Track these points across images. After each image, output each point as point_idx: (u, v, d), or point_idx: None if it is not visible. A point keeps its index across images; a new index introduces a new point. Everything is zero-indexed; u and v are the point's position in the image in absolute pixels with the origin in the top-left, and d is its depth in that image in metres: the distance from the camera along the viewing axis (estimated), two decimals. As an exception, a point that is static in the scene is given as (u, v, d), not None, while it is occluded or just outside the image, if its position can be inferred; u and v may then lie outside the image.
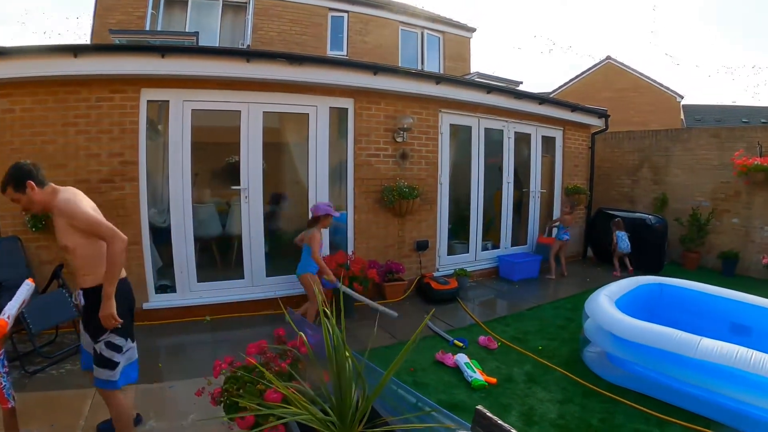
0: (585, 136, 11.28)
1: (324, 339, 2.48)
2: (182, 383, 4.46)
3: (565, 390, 4.69)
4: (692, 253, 10.54)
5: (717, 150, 10.51)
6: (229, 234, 7.79)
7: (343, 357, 2.47)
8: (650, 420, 4.14)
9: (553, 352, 5.62)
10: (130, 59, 5.81)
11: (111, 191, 5.91)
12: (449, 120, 8.46)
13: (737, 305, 5.62)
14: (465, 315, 6.88)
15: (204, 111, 6.53)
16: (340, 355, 2.47)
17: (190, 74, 6.04)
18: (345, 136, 7.36)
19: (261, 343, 3.14)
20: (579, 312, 6.85)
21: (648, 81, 22.45)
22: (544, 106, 9.61)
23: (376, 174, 7.52)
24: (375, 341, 5.61)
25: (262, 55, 6.54)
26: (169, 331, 5.96)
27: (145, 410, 4.01)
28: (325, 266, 5.75)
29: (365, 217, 7.49)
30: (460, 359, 5.02)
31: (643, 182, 11.99)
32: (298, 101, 6.86)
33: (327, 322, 2.53)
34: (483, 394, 4.52)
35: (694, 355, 4.06)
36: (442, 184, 8.45)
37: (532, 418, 4.13)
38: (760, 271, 9.50)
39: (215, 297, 6.54)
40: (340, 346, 2.48)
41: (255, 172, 6.66)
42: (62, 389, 4.37)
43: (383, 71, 7.15)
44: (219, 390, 2.94)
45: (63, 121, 5.73)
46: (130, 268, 5.90)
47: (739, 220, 10.16)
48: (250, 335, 5.79)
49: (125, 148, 5.94)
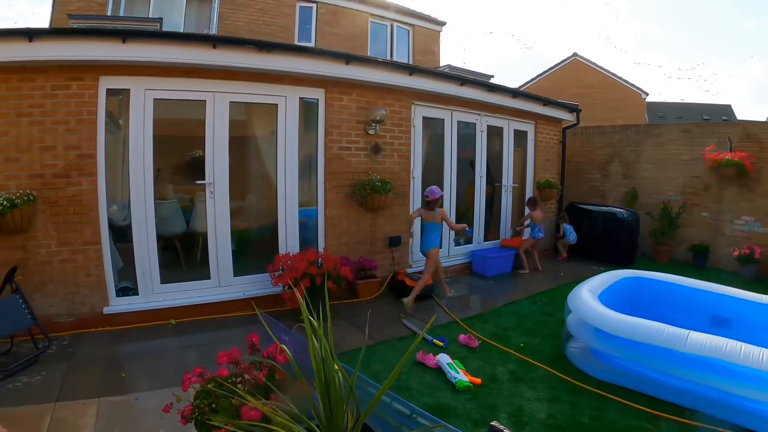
0: (556, 131, 11.25)
1: (309, 350, 2.15)
2: (148, 394, 4.12)
3: (552, 388, 4.55)
4: (663, 246, 10.62)
5: (687, 145, 10.60)
6: (193, 231, 7.44)
7: (333, 371, 2.17)
8: (641, 415, 4.06)
9: (535, 349, 5.47)
10: (89, 44, 5.38)
11: (67, 187, 5.49)
12: (422, 112, 8.25)
13: (717, 297, 5.61)
14: (441, 312, 6.66)
15: (167, 101, 6.15)
16: (329, 369, 2.16)
17: (153, 60, 5.67)
18: (315, 128, 7.07)
19: (233, 351, 2.80)
20: (556, 306, 6.81)
21: (614, 78, 22.66)
22: (517, 100, 9.51)
23: (348, 167, 7.26)
24: (351, 342, 5.40)
25: (230, 41, 6.19)
26: (132, 337, 5.57)
27: (109, 426, 3.67)
28: (458, 227, 7.40)
29: (336, 212, 7.22)
30: (442, 360, 4.80)
31: (614, 177, 12.03)
32: (266, 91, 6.55)
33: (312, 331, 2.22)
34: (469, 395, 4.31)
35: (684, 349, 4.01)
36: (414, 178, 8.24)
37: (522, 419, 3.96)
38: (730, 263, 9.59)
39: (180, 299, 6.18)
40: (329, 358, 2.17)
41: (221, 165, 6.32)
42: (18, 405, 3.96)
43: (356, 60, 6.89)
44: (190, 407, 2.60)
45: (16, 111, 5.26)
46: (88, 269, 5.63)
47: (709, 214, 10.27)
48: (219, 338, 5.56)
49: (82, 140, 5.53)
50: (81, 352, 5.09)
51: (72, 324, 5.60)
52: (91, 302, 5.69)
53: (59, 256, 5.49)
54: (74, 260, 5.56)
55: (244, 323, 5.95)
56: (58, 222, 5.45)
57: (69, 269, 5.55)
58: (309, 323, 2.22)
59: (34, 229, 5.34)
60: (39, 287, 5.41)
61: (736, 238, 9.76)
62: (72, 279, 5.57)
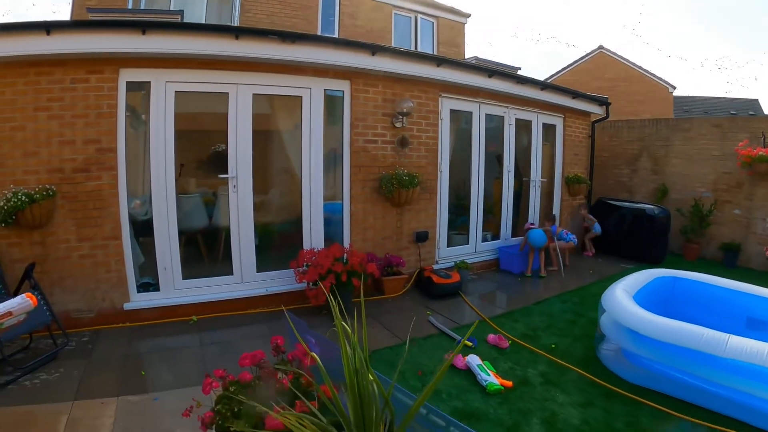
0: (585, 125, 10.96)
1: (342, 358, 1.98)
2: (168, 394, 4.01)
3: (584, 392, 4.37)
4: (693, 243, 10.31)
5: (719, 140, 10.25)
6: (215, 226, 7.30)
7: (367, 382, 1.98)
8: (677, 422, 3.91)
9: (566, 350, 5.28)
10: (108, 36, 5.27)
11: (86, 181, 5.40)
12: (450, 105, 8.05)
13: (754, 299, 5.38)
14: (469, 311, 6.49)
15: (189, 93, 6.04)
16: (363, 380, 1.97)
17: (174, 52, 5.55)
18: (340, 121, 6.91)
19: (256, 353, 2.66)
20: (586, 306, 6.63)
21: (640, 71, 22.21)
22: (546, 92, 9.25)
23: (374, 161, 7.10)
24: (377, 341, 5.26)
25: (253, 32, 6.04)
26: (152, 334, 5.48)
27: (127, 427, 3.57)
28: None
29: (362, 206, 7.06)
30: (471, 361, 4.63)
31: (642, 172, 11.70)
32: (290, 83, 6.41)
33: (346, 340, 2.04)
34: (500, 399, 4.14)
35: (723, 354, 3.82)
36: (442, 172, 8.05)
37: (555, 425, 3.79)
38: (762, 262, 9.28)
39: (202, 295, 6.08)
40: (363, 368, 1.99)
41: (244, 158, 6.19)
42: (35, 403, 3.88)
43: (382, 51, 6.71)
44: (211, 414, 2.47)
45: (34, 105, 5.18)
46: (109, 265, 5.55)
47: (740, 211, 9.92)
48: (241, 335, 5.44)
49: (102, 133, 5.43)
50: (100, 348, 5.02)
51: (92, 320, 5.53)
52: (111, 298, 5.62)
53: (79, 251, 5.42)
54: (94, 256, 5.49)
55: (267, 320, 5.83)
56: (77, 217, 5.38)
57: (88, 265, 5.47)
58: (342, 330, 2.05)
59: (53, 225, 5.27)
60: (58, 283, 5.35)
61: (768, 237, 9.45)
62: (92, 275, 5.50)
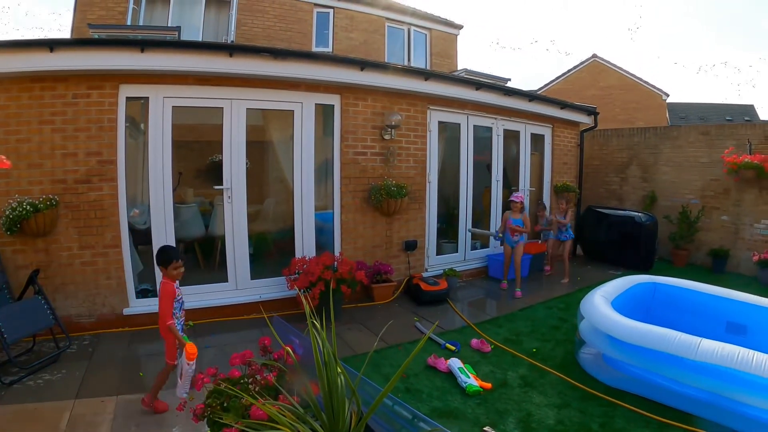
0: (574, 134, 11.19)
1: (313, 352, 2.25)
2: (165, 393, 4.20)
3: (562, 394, 4.55)
4: (681, 250, 10.51)
5: (706, 147, 10.46)
6: (212, 235, 7.55)
7: (335, 373, 2.25)
8: (650, 423, 4.04)
9: (547, 354, 5.47)
10: (109, 54, 5.55)
11: (88, 192, 5.65)
12: (438, 117, 8.29)
13: (732, 304, 5.53)
14: (456, 317, 6.71)
15: (185, 108, 6.30)
16: (332, 371, 2.24)
17: (171, 69, 5.81)
18: (331, 134, 7.15)
19: (246, 353, 2.91)
20: (571, 312, 6.78)
21: (633, 79, 22.42)
22: (533, 103, 9.48)
23: (364, 172, 7.33)
24: (363, 345, 5.46)
25: (246, 49, 6.30)
26: (150, 338, 5.67)
27: (126, 423, 3.80)
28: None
29: (352, 216, 7.29)
30: (453, 364, 4.84)
31: (632, 180, 11.93)
32: (282, 97, 6.66)
33: (316, 334, 2.31)
34: (478, 400, 4.35)
35: (695, 357, 3.96)
36: (430, 182, 8.28)
37: (530, 425, 3.98)
38: (750, 268, 9.44)
39: (198, 301, 6.27)
40: (331, 361, 2.26)
41: (238, 170, 6.43)
42: (39, 401, 4.12)
43: (370, 66, 6.96)
44: (202, 406, 2.72)
45: (39, 118, 5.45)
46: (109, 271, 5.78)
47: (728, 218, 10.12)
48: (235, 340, 5.65)
49: (103, 146, 5.69)
50: (101, 351, 5.25)
51: (92, 324, 5.76)
52: (111, 303, 5.84)
53: (80, 258, 5.65)
54: (95, 263, 5.72)
55: (260, 325, 6.02)
56: (79, 226, 5.61)
57: (90, 271, 5.71)
58: (312, 327, 2.30)
59: (56, 233, 5.50)
60: (61, 288, 5.58)
61: (756, 242, 9.58)
62: (93, 281, 5.73)
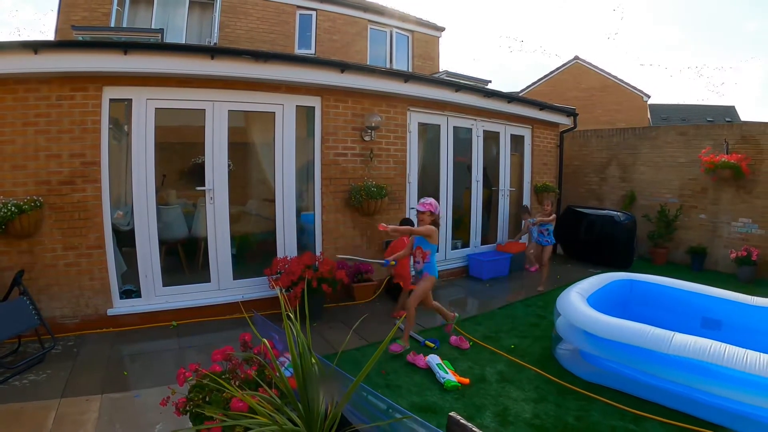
0: (554, 135, 11.36)
1: (288, 345, 2.36)
2: (148, 392, 4.30)
3: (539, 389, 4.65)
4: (661, 248, 10.73)
5: (684, 147, 10.68)
6: (195, 236, 7.59)
7: (309, 364, 2.36)
8: (626, 416, 4.13)
9: (525, 351, 5.58)
10: (92, 56, 5.58)
11: (72, 193, 5.69)
12: (418, 118, 8.40)
13: (708, 300, 5.65)
14: (436, 315, 6.78)
15: (168, 110, 6.35)
16: (306, 362, 2.35)
17: (154, 71, 5.87)
18: (312, 135, 7.24)
19: (226, 349, 3.00)
20: (550, 309, 6.86)
21: (615, 81, 22.73)
22: (513, 105, 9.62)
23: (344, 173, 7.41)
24: (345, 344, 5.51)
25: (227, 51, 6.37)
26: (134, 338, 5.76)
27: (111, 421, 3.86)
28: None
29: (333, 216, 7.37)
30: (431, 360, 4.93)
31: (611, 180, 12.13)
32: (264, 99, 6.73)
33: (291, 326, 2.41)
34: (456, 395, 4.45)
35: (668, 351, 4.05)
36: (410, 183, 8.38)
37: (507, 419, 4.07)
38: (728, 265, 9.69)
39: (181, 301, 6.35)
40: (306, 352, 2.36)
41: (220, 172, 6.49)
42: (25, 401, 4.17)
43: (350, 69, 7.04)
44: (184, 400, 2.80)
45: (23, 120, 5.47)
46: (93, 272, 5.82)
47: (706, 216, 10.34)
48: (218, 340, 5.69)
49: (87, 148, 5.73)
50: (85, 351, 5.29)
51: (77, 325, 5.79)
52: (95, 304, 5.88)
53: (65, 259, 5.69)
54: (79, 264, 5.76)
55: (243, 325, 6.03)
56: (63, 227, 5.65)
57: (74, 272, 5.74)
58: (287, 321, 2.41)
59: (40, 234, 5.53)
60: (45, 290, 5.61)
61: (734, 239, 9.82)
62: (77, 282, 5.76)
